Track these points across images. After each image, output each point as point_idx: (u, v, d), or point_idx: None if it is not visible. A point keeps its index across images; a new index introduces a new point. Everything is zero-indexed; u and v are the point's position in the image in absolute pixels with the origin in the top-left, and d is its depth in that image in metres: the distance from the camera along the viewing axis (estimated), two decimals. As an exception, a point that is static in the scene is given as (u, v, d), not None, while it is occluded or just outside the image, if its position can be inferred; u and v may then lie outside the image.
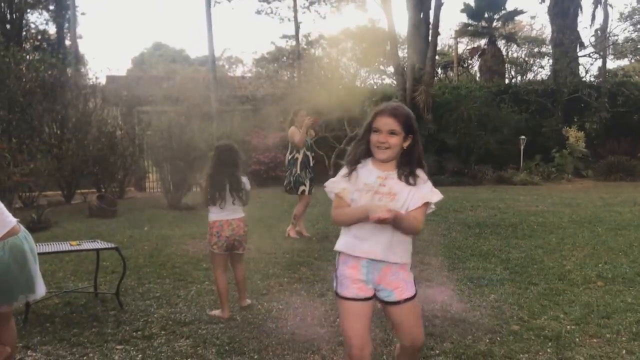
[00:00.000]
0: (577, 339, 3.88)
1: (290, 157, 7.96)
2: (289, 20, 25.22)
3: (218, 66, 24.85)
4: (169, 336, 4.12)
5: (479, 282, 5.48)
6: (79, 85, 14.47)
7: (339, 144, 17.49)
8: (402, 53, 27.64)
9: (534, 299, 4.86)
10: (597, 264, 6.12)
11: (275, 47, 29.57)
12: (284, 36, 27.90)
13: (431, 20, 20.67)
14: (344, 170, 2.71)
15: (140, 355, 3.78)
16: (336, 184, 2.70)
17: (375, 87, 27.00)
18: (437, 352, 3.72)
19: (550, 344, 3.81)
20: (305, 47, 24.15)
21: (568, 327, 4.14)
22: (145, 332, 4.21)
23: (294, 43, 24.55)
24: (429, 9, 21.08)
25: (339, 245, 2.71)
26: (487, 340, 3.90)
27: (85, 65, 14.72)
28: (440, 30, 21.18)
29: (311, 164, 8.03)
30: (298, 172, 7.82)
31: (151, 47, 43.04)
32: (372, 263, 2.61)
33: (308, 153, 7.94)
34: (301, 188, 7.86)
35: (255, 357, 3.73)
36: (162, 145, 12.40)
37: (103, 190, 13.22)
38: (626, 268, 5.90)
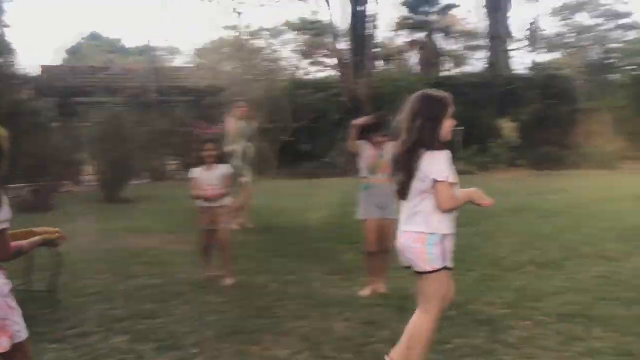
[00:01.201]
0: (509, 322, 4.03)
1: (229, 148, 7.89)
2: (234, 10, 24.87)
3: (157, 56, 24.30)
4: (105, 333, 4.01)
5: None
6: (8, 75, 13.80)
7: (283, 134, 17.44)
8: (344, 45, 27.80)
9: (470, 284, 5.02)
10: (529, 249, 6.38)
11: (217, 37, 29.14)
12: (226, 27, 27.51)
13: (370, 13, 20.93)
14: (448, 156, 2.89)
15: (74, 354, 3.66)
16: (450, 171, 2.87)
17: (317, 78, 27.03)
18: (375, 339, 3.78)
19: (483, 327, 3.95)
20: (246, 37, 23.87)
21: (501, 311, 4.30)
22: (80, 329, 4.08)
23: (235, 33, 24.24)
24: (365, 2, 21.29)
25: (445, 228, 2.94)
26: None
27: (14, 54, 14.06)
28: (379, 23, 21.47)
29: (251, 155, 7.99)
30: (236, 163, 7.77)
31: (87, 37, 41.51)
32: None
33: (247, 144, 7.90)
34: (241, 179, 7.81)
35: (194, 351, 3.69)
36: (99, 137, 12.03)
37: (37, 184, 12.70)
38: (555, 253, 6.18)
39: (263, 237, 7.34)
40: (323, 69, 33.09)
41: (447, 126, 2.99)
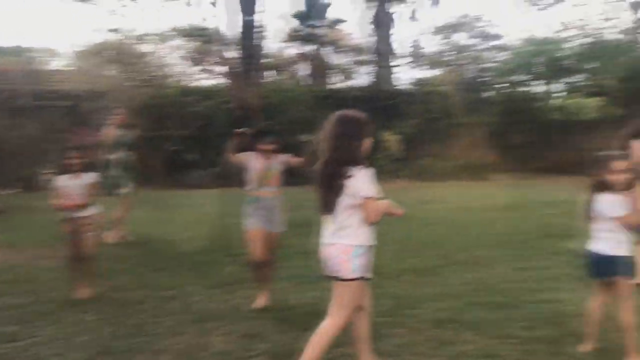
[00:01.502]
0: (385, 330, 4.13)
1: (108, 157, 7.52)
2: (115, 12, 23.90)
3: (33, 57, 22.76)
4: (-44, 360, 3.63)
5: (301, 279, 5.62)
6: None
7: (169, 143, 16.92)
8: (234, 54, 27.58)
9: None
10: (408, 257, 6.62)
11: (98, 40, 27.80)
12: (109, 30, 26.34)
13: (260, 23, 20.97)
14: (372, 173, 3.14)
15: None
16: (375, 187, 3.12)
17: (205, 86, 26.60)
18: (255, 352, 3.73)
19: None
20: (129, 41, 23.00)
21: (378, 319, 4.37)
22: None
23: (118, 36, 23.29)
24: (253, 12, 21.33)
25: (369, 240, 3.28)
26: (305, 339, 4.00)
27: None
28: (271, 34, 21.60)
29: (132, 165, 7.66)
30: (116, 172, 7.41)
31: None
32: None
33: (127, 153, 7.56)
34: (120, 190, 7.45)
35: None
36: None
37: None
38: (432, 260, 6.46)
39: (142, 250, 7.05)
40: (212, 77, 32.67)
41: (367, 144, 3.23)
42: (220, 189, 14.07)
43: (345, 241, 3.15)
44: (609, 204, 3.56)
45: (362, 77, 34.41)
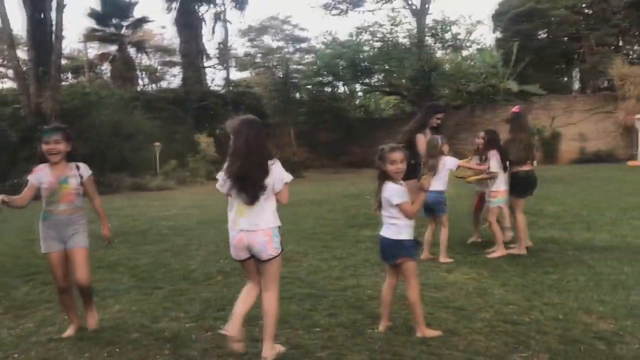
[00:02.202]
0: (193, 336, 4.05)
1: None
2: None
3: None
4: None
5: (104, 294, 5.28)
6: None
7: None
8: (24, 55, 25.16)
9: (157, 303, 4.92)
10: (219, 259, 6.58)
11: None
12: None
13: (53, 21, 19.32)
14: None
15: None
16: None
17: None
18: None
19: (168, 345, 3.89)
20: None
21: (187, 325, 4.30)
22: None
23: None
24: (50, 9, 19.65)
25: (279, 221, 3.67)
26: (106, 355, 3.77)
27: None
28: (66, 33, 20.02)
29: None
30: None
31: None
32: None
33: None
34: None
35: None
36: None
37: None
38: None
39: None
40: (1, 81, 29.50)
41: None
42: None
43: (265, 225, 3.57)
44: (390, 192, 3.87)
45: (172, 79, 33.68)
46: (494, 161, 6.34)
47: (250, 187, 3.50)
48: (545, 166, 20.11)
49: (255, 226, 3.55)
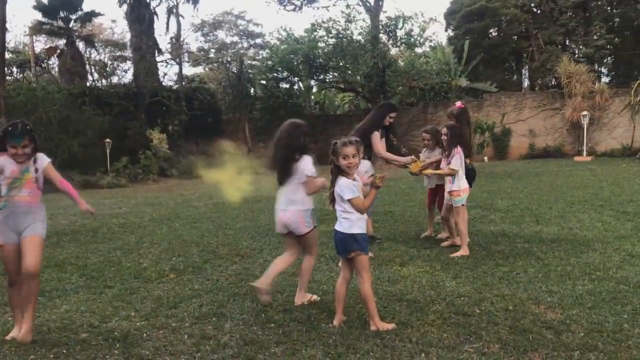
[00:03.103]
0: (144, 334, 3.96)
1: None
2: None
3: None
4: None
5: (52, 294, 5.11)
6: None
7: None
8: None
9: (107, 302, 4.79)
10: (172, 257, 6.46)
11: None
12: None
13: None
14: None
15: None
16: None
17: None
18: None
19: (118, 345, 3.79)
20: None
21: (138, 324, 4.20)
22: None
23: None
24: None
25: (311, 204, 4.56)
26: (52, 356, 3.64)
27: None
28: (11, 26, 19.29)
29: None
30: None
31: None
32: None
33: None
34: None
35: None
36: None
37: None
38: (196, 257, 6.39)
39: None
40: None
41: None
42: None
43: (298, 207, 4.45)
44: (342, 187, 3.88)
45: (124, 74, 32.93)
46: (457, 158, 6.21)
47: (279, 171, 4.51)
48: (496, 162, 20.60)
49: (288, 206, 4.47)
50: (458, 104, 6.96)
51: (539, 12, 28.08)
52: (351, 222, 3.89)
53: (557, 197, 9.99)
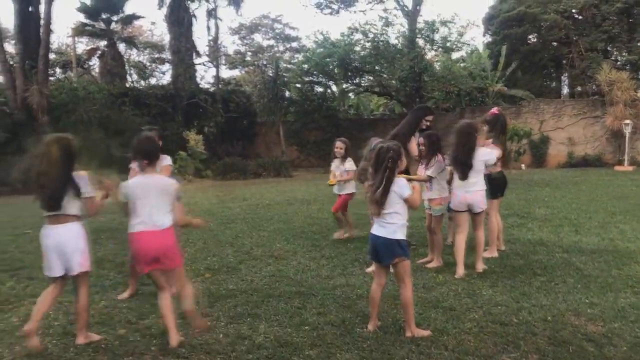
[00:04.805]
0: (180, 332, 4.00)
1: None
2: None
3: None
4: None
5: (90, 290, 5.20)
6: None
7: None
8: (11, 48, 24.92)
9: (144, 300, 4.87)
10: (207, 257, 6.53)
11: None
12: None
13: (42, 15, 19.11)
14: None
15: None
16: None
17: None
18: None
19: (155, 341, 3.85)
20: None
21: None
22: None
23: None
24: (39, 2, 19.46)
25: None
26: (91, 350, 3.72)
27: None
28: (55, 27, 19.89)
29: None
30: None
31: None
32: None
33: None
34: None
35: None
36: None
37: None
38: (231, 258, 6.45)
39: None
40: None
41: None
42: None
43: (477, 188, 5.61)
44: (403, 185, 3.88)
45: (162, 76, 33.49)
46: (437, 166, 5.98)
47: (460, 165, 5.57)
48: (534, 170, 20.23)
49: (474, 187, 5.55)
50: (493, 110, 6.85)
51: (580, 18, 27.51)
52: (396, 227, 3.86)
53: (597, 207, 9.75)
